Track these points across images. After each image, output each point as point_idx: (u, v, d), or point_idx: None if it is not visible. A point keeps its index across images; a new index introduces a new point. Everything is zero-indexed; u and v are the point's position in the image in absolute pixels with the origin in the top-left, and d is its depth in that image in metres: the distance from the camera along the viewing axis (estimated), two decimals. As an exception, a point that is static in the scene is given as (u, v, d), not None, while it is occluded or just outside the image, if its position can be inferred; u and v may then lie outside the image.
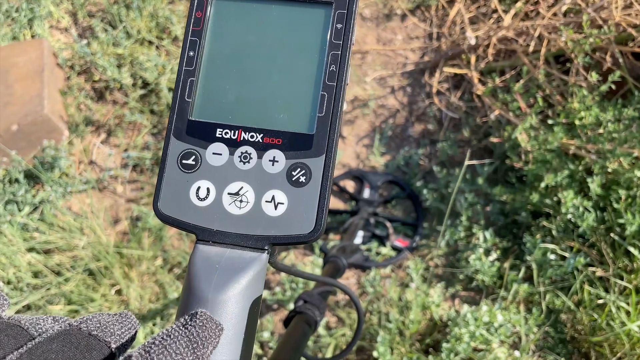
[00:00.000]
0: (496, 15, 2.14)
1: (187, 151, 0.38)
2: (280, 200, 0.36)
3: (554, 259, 1.63)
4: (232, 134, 0.38)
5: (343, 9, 0.38)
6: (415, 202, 1.92)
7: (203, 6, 0.39)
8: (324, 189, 0.36)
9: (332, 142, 0.37)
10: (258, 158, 0.37)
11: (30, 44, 2.25)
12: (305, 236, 0.36)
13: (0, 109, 2.05)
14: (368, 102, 2.15)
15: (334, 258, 1.07)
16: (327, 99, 0.37)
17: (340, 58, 0.38)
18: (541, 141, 1.64)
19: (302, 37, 0.38)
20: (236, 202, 0.37)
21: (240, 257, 0.35)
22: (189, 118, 0.38)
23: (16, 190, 1.94)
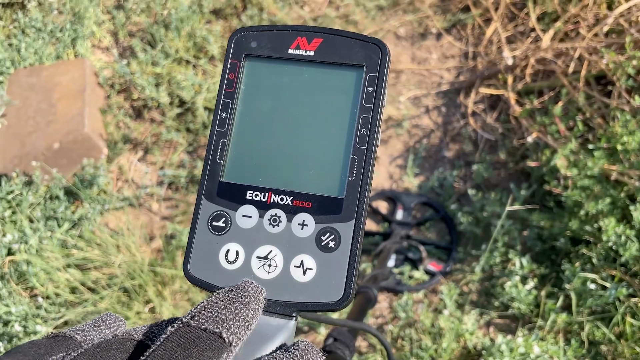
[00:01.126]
0: (534, 34, 2.10)
1: (217, 213, 0.38)
2: (309, 265, 0.36)
3: (594, 288, 1.57)
4: (262, 197, 0.38)
5: (374, 72, 0.38)
6: (450, 225, 1.89)
7: (236, 68, 0.39)
8: (354, 255, 0.36)
9: (362, 206, 0.36)
10: (287, 221, 0.37)
11: (73, 64, 2.32)
12: (333, 304, 0.35)
13: (43, 128, 2.12)
14: (402, 122, 2.13)
15: (365, 289, 1.06)
16: (357, 162, 0.37)
17: (371, 121, 0.37)
18: (581, 167, 1.60)
19: (333, 100, 0.38)
20: (265, 267, 0.36)
21: (267, 324, 0.35)
22: (220, 180, 0.38)
23: (56, 206, 1.99)
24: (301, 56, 0.39)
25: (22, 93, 2.22)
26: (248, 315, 0.31)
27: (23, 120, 2.15)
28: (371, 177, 0.37)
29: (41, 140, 2.08)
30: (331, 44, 0.39)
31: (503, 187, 1.92)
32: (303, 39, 0.39)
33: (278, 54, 0.39)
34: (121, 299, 1.74)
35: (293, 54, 0.39)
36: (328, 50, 0.39)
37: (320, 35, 0.39)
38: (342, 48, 0.38)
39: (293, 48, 0.39)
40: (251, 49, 0.40)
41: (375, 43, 0.38)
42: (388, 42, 2.35)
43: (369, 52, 0.38)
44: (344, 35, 0.39)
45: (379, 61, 0.38)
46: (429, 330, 1.65)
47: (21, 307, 1.68)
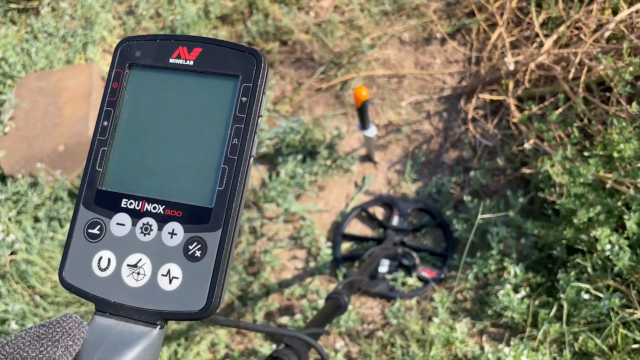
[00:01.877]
0: (539, 39, 2.07)
1: (93, 220, 0.38)
2: (175, 274, 0.36)
3: (588, 298, 1.54)
4: (136, 205, 0.38)
5: (249, 82, 0.38)
6: (446, 231, 1.87)
7: (120, 77, 0.40)
8: (219, 264, 0.36)
9: (229, 216, 0.37)
10: (158, 230, 0.37)
11: (81, 68, 2.37)
12: (195, 313, 0.36)
13: (50, 130, 2.17)
14: (402, 127, 2.12)
15: (335, 295, 1.05)
16: (227, 172, 0.37)
17: (244, 131, 0.37)
18: (576, 174, 1.57)
19: (209, 109, 0.39)
20: (134, 274, 0.37)
21: (130, 332, 0.35)
22: (97, 187, 0.39)
23: (60, 207, 2.04)
24: (181, 65, 0.39)
25: (31, 96, 2.27)
26: (55, 353, 0.31)
27: (31, 123, 2.21)
28: (242, 187, 0.37)
29: (47, 143, 2.13)
30: (210, 53, 0.39)
31: (501, 194, 1.89)
32: (184, 48, 0.39)
33: (160, 63, 0.40)
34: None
35: (174, 63, 0.39)
36: (206, 59, 0.39)
37: (200, 44, 0.39)
38: (220, 58, 0.39)
39: (174, 57, 0.40)
40: (135, 58, 0.40)
41: (252, 53, 0.38)
42: (392, 47, 2.35)
43: (245, 62, 0.38)
44: (222, 45, 0.39)
45: (254, 71, 0.38)
46: (418, 337, 1.64)
47: (19, 305, 1.72)
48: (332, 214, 2.01)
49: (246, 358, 1.72)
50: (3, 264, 1.86)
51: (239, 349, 1.75)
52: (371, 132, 1.85)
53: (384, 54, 2.33)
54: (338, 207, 2.02)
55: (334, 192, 2.06)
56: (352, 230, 1.95)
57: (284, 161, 2.07)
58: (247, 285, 1.86)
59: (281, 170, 2.04)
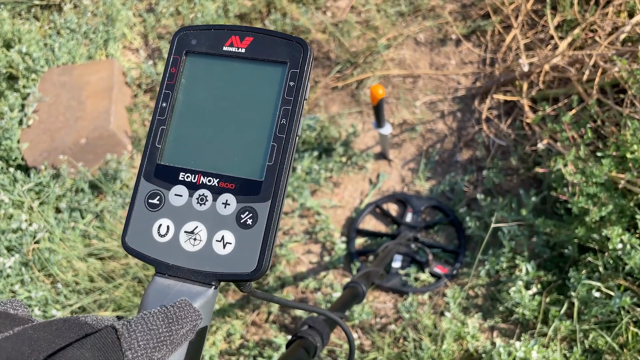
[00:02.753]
0: (553, 41, 2.10)
1: (153, 192, 0.43)
2: (228, 240, 0.40)
3: (599, 296, 1.56)
4: (193, 178, 0.42)
5: (296, 69, 0.42)
6: (458, 229, 1.90)
7: (177, 63, 0.44)
8: (268, 231, 0.40)
9: (278, 188, 0.41)
10: (213, 200, 0.41)
11: (103, 64, 2.43)
12: (247, 275, 0.40)
13: (72, 124, 2.22)
14: (416, 126, 2.16)
15: (353, 284, 1.09)
16: (276, 149, 0.41)
17: (291, 113, 0.41)
18: (588, 174, 1.59)
19: (260, 92, 0.43)
20: (191, 240, 0.41)
21: (188, 291, 0.40)
22: (157, 162, 0.43)
23: (81, 199, 2.09)
24: (233, 53, 0.43)
25: (54, 90, 2.33)
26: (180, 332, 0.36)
27: (54, 116, 2.27)
28: (289, 162, 0.41)
29: (69, 136, 2.18)
30: (260, 42, 0.43)
31: (513, 193, 1.92)
32: (236, 37, 0.44)
33: (214, 50, 0.44)
34: (135, 288, 1.81)
35: (227, 50, 0.44)
36: (257, 47, 0.43)
37: (251, 34, 0.43)
38: (269, 46, 0.43)
39: (227, 45, 0.44)
40: (191, 46, 0.44)
41: (299, 42, 0.42)
42: (407, 48, 2.38)
43: (292, 50, 0.42)
44: (271, 34, 0.43)
45: (300, 58, 0.42)
46: (430, 331, 1.67)
47: (41, 292, 1.77)
48: (346, 209, 2.04)
49: (261, 348, 1.76)
50: (26, 252, 1.91)
51: (254, 340, 1.79)
52: (386, 130, 1.88)
53: (400, 54, 2.37)
54: (352, 203, 2.05)
55: (349, 188, 2.09)
56: (366, 225, 1.98)
57: (300, 157, 2.11)
58: (263, 278, 1.90)
59: (297, 166, 2.08)
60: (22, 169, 2.22)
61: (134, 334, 0.33)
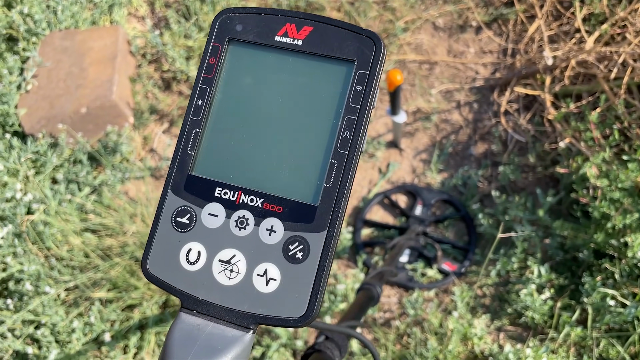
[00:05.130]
0: (579, 35, 2.01)
1: (182, 208, 0.35)
2: (272, 275, 0.33)
3: (613, 304, 1.51)
4: (231, 195, 0.35)
5: (365, 70, 0.34)
6: (469, 225, 1.83)
7: (218, 52, 0.36)
8: (322, 269, 0.33)
9: (336, 217, 0.33)
10: (255, 225, 0.34)
11: (107, 30, 2.32)
12: (294, 321, 0.33)
13: (72, 91, 2.13)
14: (431, 115, 2.08)
15: (368, 286, 1.03)
16: (336, 168, 0.34)
17: (357, 124, 0.34)
18: (613, 178, 1.52)
19: (318, 95, 0.35)
20: (226, 271, 0.34)
21: (222, 335, 0.32)
22: (189, 172, 0.36)
23: (79, 170, 2.01)
24: (288, 45, 0.36)
25: (55, 55, 2.23)
26: None
27: (54, 82, 2.17)
28: (350, 185, 0.34)
29: (69, 104, 2.09)
30: (321, 33, 0.35)
31: (529, 192, 1.85)
32: (292, 25, 0.36)
33: (264, 40, 0.36)
34: (132, 268, 1.75)
35: (280, 41, 0.36)
36: (317, 40, 0.35)
37: (311, 23, 0.35)
38: (333, 39, 0.35)
39: (280, 35, 0.36)
40: (236, 33, 0.36)
41: (370, 36, 0.35)
42: (425, 32, 2.29)
43: (362, 46, 0.35)
44: (336, 25, 0.35)
45: (371, 57, 0.34)
46: (436, 330, 1.62)
47: (34, 266, 1.70)
48: (353, 198, 1.97)
49: (259, 336, 1.71)
50: (20, 223, 1.84)
51: (253, 327, 1.74)
52: (401, 118, 1.80)
53: (417, 39, 2.27)
54: (360, 192, 1.98)
55: (357, 176, 2.02)
56: (374, 216, 1.92)
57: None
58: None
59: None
60: (19, 135, 2.13)
61: None
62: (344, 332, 0.61)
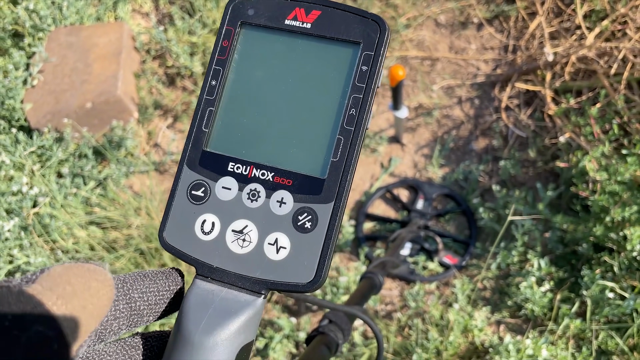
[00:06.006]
0: (579, 31, 2.03)
1: (197, 182, 0.37)
2: (282, 244, 0.35)
3: (612, 297, 1.53)
4: (244, 170, 0.37)
5: (370, 51, 0.36)
6: (470, 219, 1.85)
7: (231, 35, 0.38)
8: (329, 238, 0.35)
9: (342, 189, 0.35)
10: (266, 197, 0.36)
11: (112, 26, 2.34)
12: (303, 286, 0.35)
13: (78, 86, 2.15)
14: (432, 110, 2.09)
15: (370, 274, 1.05)
16: (342, 143, 0.36)
17: (362, 102, 0.36)
18: (612, 171, 1.54)
19: (326, 75, 0.37)
20: (239, 241, 0.36)
21: (235, 300, 0.35)
22: (203, 149, 0.38)
23: (84, 164, 2.04)
24: (297, 28, 0.38)
25: (60, 51, 2.26)
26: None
27: (59, 77, 2.19)
28: (356, 159, 0.36)
29: (74, 99, 2.12)
30: (329, 17, 0.37)
31: (529, 186, 1.87)
32: (301, 10, 0.38)
33: (274, 23, 0.38)
34: (137, 260, 1.77)
35: (289, 24, 0.38)
36: (325, 23, 0.37)
37: (319, 7, 0.38)
38: (340, 22, 0.37)
39: (290, 19, 0.38)
40: (247, 17, 0.39)
41: (375, 20, 0.37)
42: (427, 29, 2.31)
43: (367, 29, 0.37)
44: (343, 9, 0.37)
45: (376, 39, 0.36)
46: (437, 322, 1.64)
47: (40, 258, 1.73)
48: (356, 192, 2.00)
49: (262, 328, 1.73)
50: (26, 216, 1.86)
51: (256, 319, 1.76)
52: (402, 113, 1.82)
53: (419, 35, 2.29)
54: (362, 187, 2.01)
55: (359, 171, 2.04)
56: (376, 210, 1.94)
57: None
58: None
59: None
60: (25, 130, 2.16)
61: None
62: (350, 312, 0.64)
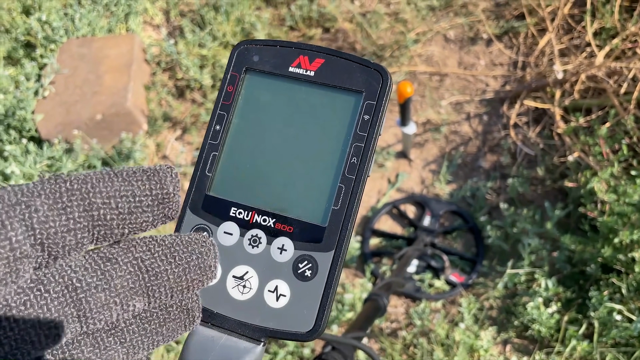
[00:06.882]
0: (589, 49, 2.02)
1: (199, 226, 0.37)
2: (282, 292, 0.35)
3: (619, 319, 1.51)
4: (246, 215, 0.37)
5: (372, 100, 0.36)
6: (477, 237, 1.85)
7: (235, 81, 0.39)
8: (329, 286, 0.35)
9: (343, 237, 0.35)
10: (267, 244, 0.36)
11: (123, 38, 2.37)
12: (302, 335, 0.35)
13: (88, 98, 2.17)
14: (440, 126, 2.09)
15: (375, 296, 1.04)
16: (344, 191, 0.36)
17: (363, 151, 0.36)
18: (621, 193, 1.53)
19: (328, 123, 0.37)
20: (239, 287, 0.36)
21: (235, 347, 0.35)
22: (206, 193, 0.38)
23: (93, 176, 2.05)
24: (301, 75, 0.38)
25: (72, 62, 2.28)
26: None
27: (70, 89, 2.22)
28: (357, 208, 0.36)
29: (85, 110, 2.14)
30: (332, 65, 0.38)
31: (537, 205, 1.86)
32: (305, 57, 0.38)
33: (279, 70, 0.38)
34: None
35: (293, 72, 0.38)
36: (328, 71, 0.37)
37: (323, 55, 0.38)
38: (342, 71, 0.37)
39: (294, 66, 0.38)
40: (252, 63, 0.39)
41: (377, 69, 0.37)
42: (436, 44, 2.31)
43: (369, 78, 0.37)
44: (346, 58, 0.38)
45: (379, 88, 0.37)
46: (442, 341, 1.63)
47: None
48: (362, 207, 1.99)
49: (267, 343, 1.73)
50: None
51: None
52: (410, 129, 1.82)
53: (428, 50, 2.30)
54: (369, 202, 2.00)
55: (366, 186, 2.04)
56: (382, 226, 1.93)
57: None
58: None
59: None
60: (35, 140, 2.18)
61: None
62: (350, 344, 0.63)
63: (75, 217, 0.24)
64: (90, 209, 0.25)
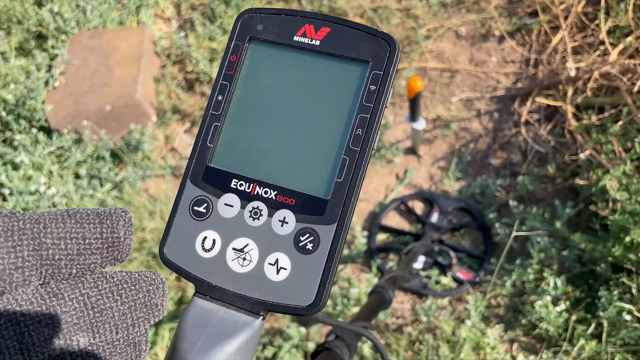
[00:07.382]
0: (603, 47, 1.99)
1: (199, 198, 0.37)
2: (283, 264, 0.34)
3: (629, 319, 1.49)
4: (247, 187, 0.36)
5: (379, 70, 0.35)
6: (486, 234, 1.83)
7: (239, 50, 0.38)
8: (330, 260, 0.34)
9: (346, 210, 0.34)
10: (268, 216, 0.35)
11: (134, 31, 2.37)
12: (302, 309, 0.34)
13: (98, 89, 2.18)
14: (450, 123, 2.07)
15: (380, 289, 1.03)
16: (347, 164, 0.35)
17: (369, 122, 0.35)
18: (633, 191, 1.51)
19: (333, 94, 0.36)
20: (239, 259, 0.35)
21: (233, 320, 0.34)
22: (207, 164, 0.37)
23: (101, 166, 2.06)
24: (306, 44, 0.37)
25: (82, 54, 2.29)
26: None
27: (80, 80, 2.22)
28: (361, 181, 0.35)
29: (94, 101, 2.14)
30: (338, 35, 0.36)
31: (547, 203, 1.84)
32: (310, 26, 0.37)
33: (283, 39, 0.37)
34: (150, 263, 1.78)
35: (298, 41, 0.37)
36: (334, 41, 0.36)
37: (329, 24, 0.37)
38: (349, 40, 0.36)
39: (299, 35, 0.37)
40: (256, 32, 0.38)
41: (385, 39, 0.36)
42: (447, 41, 2.29)
43: (377, 47, 0.36)
44: (353, 27, 0.36)
45: (385, 58, 0.36)
46: (448, 338, 1.62)
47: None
48: (370, 203, 1.98)
49: (271, 336, 1.73)
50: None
51: (265, 327, 1.75)
52: (420, 125, 1.81)
53: (439, 47, 2.28)
54: (377, 197, 1.99)
55: (374, 181, 2.03)
56: (390, 222, 1.92)
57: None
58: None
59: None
60: (45, 130, 2.19)
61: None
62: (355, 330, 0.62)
63: (24, 256, 0.25)
64: (39, 248, 0.25)
